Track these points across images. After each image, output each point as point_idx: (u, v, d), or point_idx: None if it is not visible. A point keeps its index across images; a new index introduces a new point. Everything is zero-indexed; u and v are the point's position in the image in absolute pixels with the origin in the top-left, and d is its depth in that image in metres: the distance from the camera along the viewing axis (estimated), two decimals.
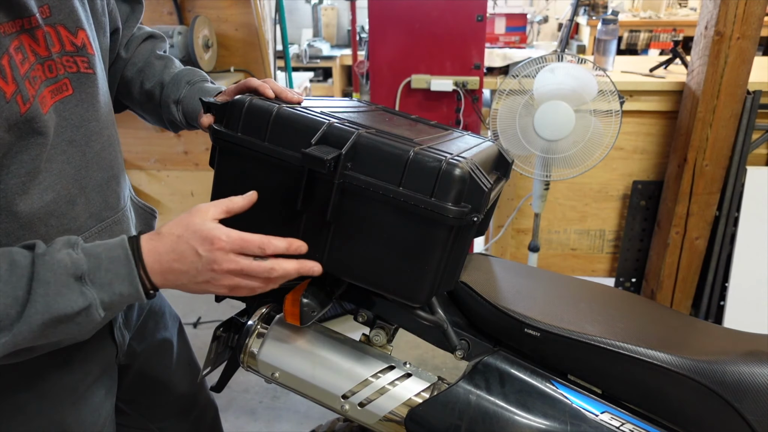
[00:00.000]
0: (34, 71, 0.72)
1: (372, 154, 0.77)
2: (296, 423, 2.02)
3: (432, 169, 0.75)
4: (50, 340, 0.69)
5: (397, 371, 0.91)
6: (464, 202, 0.76)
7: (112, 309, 0.71)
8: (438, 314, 0.91)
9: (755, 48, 1.95)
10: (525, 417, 0.85)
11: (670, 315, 1.07)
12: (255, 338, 0.95)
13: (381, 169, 0.76)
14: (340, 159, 0.76)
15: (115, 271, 0.69)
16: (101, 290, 0.68)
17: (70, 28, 0.78)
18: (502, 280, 1.03)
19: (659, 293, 2.32)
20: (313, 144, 0.78)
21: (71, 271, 0.67)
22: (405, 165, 0.75)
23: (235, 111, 0.82)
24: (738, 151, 2.09)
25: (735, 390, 0.80)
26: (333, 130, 0.79)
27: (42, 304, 0.65)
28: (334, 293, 0.91)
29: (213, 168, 0.87)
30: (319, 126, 0.79)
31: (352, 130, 0.78)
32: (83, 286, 0.67)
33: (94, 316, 0.68)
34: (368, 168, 0.77)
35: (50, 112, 0.74)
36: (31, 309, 0.65)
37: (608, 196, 2.42)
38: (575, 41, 4.31)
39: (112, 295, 0.69)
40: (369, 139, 0.78)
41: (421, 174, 0.75)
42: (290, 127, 0.80)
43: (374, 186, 0.76)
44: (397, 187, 0.76)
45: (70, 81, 0.78)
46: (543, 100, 1.82)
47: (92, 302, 0.68)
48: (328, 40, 5.24)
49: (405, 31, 2.18)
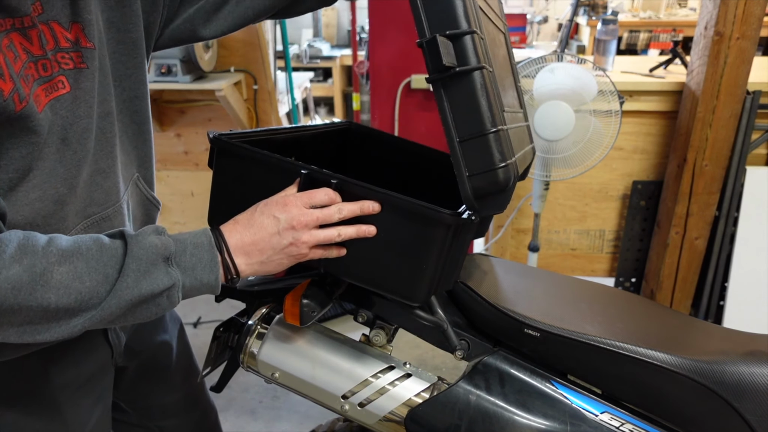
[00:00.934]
0: (27, 69, 0.70)
1: (469, 97, 0.75)
2: (296, 423, 2.02)
3: (492, 159, 0.74)
4: (127, 321, 0.71)
5: (397, 371, 0.91)
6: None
7: (191, 294, 0.73)
8: (438, 314, 0.91)
9: (755, 48, 1.95)
10: (525, 417, 0.85)
11: (670, 315, 1.07)
12: (255, 338, 0.95)
13: (462, 113, 0.75)
14: (448, 71, 0.74)
15: (199, 256, 0.73)
16: (184, 273, 0.72)
17: (63, 23, 0.75)
18: (501, 281, 1.03)
19: (659, 293, 2.32)
20: (446, 35, 0.75)
21: (161, 251, 0.70)
22: (480, 133, 0.74)
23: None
24: (738, 151, 2.10)
25: (734, 390, 0.80)
26: (467, 43, 0.75)
27: (132, 280, 0.68)
28: (334, 293, 0.92)
29: (212, 169, 0.87)
30: (461, 25, 0.75)
31: (475, 59, 0.75)
32: (169, 267, 0.71)
33: (174, 298, 0.71)
34: (455, 101, 0.75)
35: (45, 111, 0.72)
36: (122, 284, 0.68)
37: (608, 196, 2.42)
38: (575, 41, 4.31)
39: (193, 281, 0.72)
40: (480, 82, 0.75)
41: (483, 153, 0.75)
42: (441, 4, 0.76)
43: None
44: (457, 140, 0.75)
45: (66, 78, 0.76)
46: (543, 100, 1.82)
47: (176, 282, 0.71)
48: (328, 40, 5.24)
49: (405, 31, 2.18)
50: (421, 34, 0.75)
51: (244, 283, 1.04)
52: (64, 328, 0.68)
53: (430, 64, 0.73)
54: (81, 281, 0.67)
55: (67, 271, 0.66)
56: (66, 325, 0.68)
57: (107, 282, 0.68)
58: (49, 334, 0.68)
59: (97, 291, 0.67)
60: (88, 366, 0.92)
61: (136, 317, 0.71)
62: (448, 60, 0.72)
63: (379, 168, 1.18)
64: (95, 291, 0.67)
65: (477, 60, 0.74)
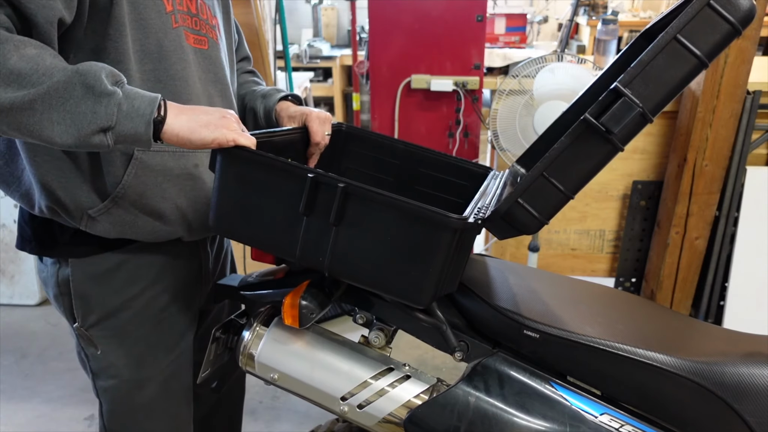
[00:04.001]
0: (182, 15, 0.94)
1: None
2: (296, 423, 2.02)
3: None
4: (64, 118, 0.75)
5: (396, 373, 0.91)
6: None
7: (125, 123, 0.77)
8: (437, 316, 0.91)
9: (755, 48, 1.95)
10: (524, 419, 0.85)
11: (670, 316, 1.07)
12: (254, 340, 0.95)
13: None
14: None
15: (141, 94, 0.79)
16: (126, 98, 0.77)
17: (211, 8, 1.03)
18: (501, 282, 1.03)
19: (659, 293, 2.32)
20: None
21: (109, 72, 0.77)
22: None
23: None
24: (738, 151, 2.09)
25: (734, 391, 0.80)
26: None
27: (80, 73, 0.75)
28: (333, 295, 0.92)
29: (213, 171, 0.87)
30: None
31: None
32: (117, 87, 0.77)
33: (111, 109, 0.76)
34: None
35: (191, 47, 0.96)
36: (68, 71, 0.75)
37: (608, 196, 2.42)
38: (575, 41, 4.30)
39: (130, 107, 0.77)
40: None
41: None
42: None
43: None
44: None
45: (208, 40, 1.01)
46: (543, 100, 1.82)
47: (116, 94, 0.76)
48: (328, 40, 5.24)
49: (405, 31, 2.18)
50: (619, 78, 0.74)
51: (243, 282, 1.04)
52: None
53: (598, 106, 0.74)
54: (41, 59, 0.74)
55: (35, 53, 0.74)
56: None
57: (61, 69, 0.74)
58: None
59: (50, 71, 0.73)
60: (187, 286, 1.07)
61: (76, 112, 0.75)
62: (612, 122, 0.73)
63: (372, 169, 1.18)
64: (49, 70, 0.73)
65: (624, 143, 0.75)
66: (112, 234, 0.95)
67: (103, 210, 0.93)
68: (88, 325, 1.00)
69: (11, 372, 2.27)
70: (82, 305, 0.99)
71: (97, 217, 0.93)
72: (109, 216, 0.93)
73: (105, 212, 0.93)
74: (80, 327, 1.00)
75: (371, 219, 0.78)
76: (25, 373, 2.26)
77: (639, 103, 0.71)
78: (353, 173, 1.20)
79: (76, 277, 0.97)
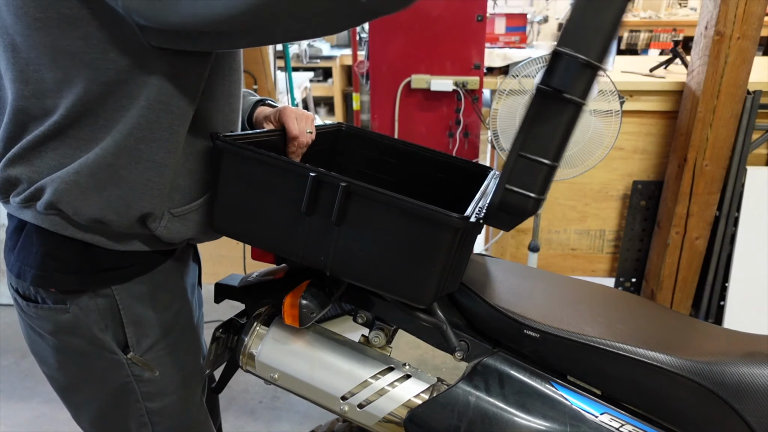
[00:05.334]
0: None
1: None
2: (296, 423, 2.02)
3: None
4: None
5: (396, 372, 0.91)
6: None
7: None
8: (437, 315, 0.91)
9: (755, 48, 1.95)
10: (524, 418, 0.85)
11: (670, 316, 1.07)
12: (254, 340, 0.95)
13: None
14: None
15: None
16: None
17: None
18: (501, 281, 1.03)
19: (659, 293, 2.32)
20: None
21: None
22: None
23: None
24: (738, 151, 2.09)
25: (735, 391, 0.80)
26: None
27: None
28: (334, 294, 0.92)
29: (214, 174, 0.87)
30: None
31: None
32: None
33: None
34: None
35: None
36: None
37: (608, 196, 2.42)
38: None
39: None
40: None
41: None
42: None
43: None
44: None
45: None
46: None
47: None
48: (328, 40, 5.23)
49: (405, 31, 2.18)
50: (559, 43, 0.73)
51: (243, 282, 1.04)
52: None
53: (546, 73, 0.72)
54: None
55: None
56: None
57: None
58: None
59: None
60: (196, 281, 1.06)
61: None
62: (561, 83, 0.72)
63: (373, 169, 1.18)
64: None
65: (584, 97, 0.73)
66: (185, 236, 0.88)
67: (193, 209, 0.87)
68: (144, 350, 0.92)
69: (11, 372, 2.27)
70: (136, 331, 0.91)
71: (180, 216, 0.86)
72: (193, 214, 0.88)
73: (191, 212, 0.87)
74: (135, 354, 0.92)
75: (373, 218, 0.78)
76: (25, 373, 2.26)
77: (580, 56, 0.70)
78: (353, 173, 1.20)
79: (125, 303, 0.89)
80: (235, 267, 2.57)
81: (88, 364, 0.92)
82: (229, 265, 2.66)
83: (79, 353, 0.90)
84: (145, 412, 0.96)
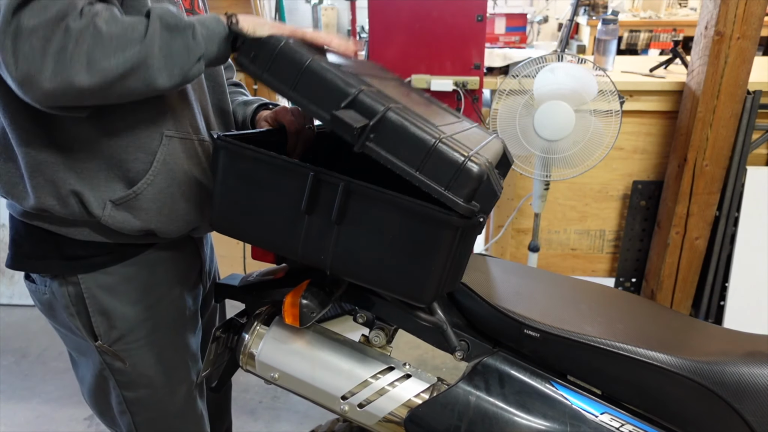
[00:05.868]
0: (186, 10, 0.93)
1: (397, 133, 0.76)
2: (296, 423, 2.02)
3: (453, 162, 0.74)
4: (167, 61, 0.76)
5: (396, 372, 0.91)
6: (475, 201, 0.76)
7: (209, 43, 0.80)
8: (437, 315, 0.91)
9: (755, 48, 1.95)
10: (524, 418, 0.85)
11: (670, 315, 1.07)
12: (254, 339, 0.95)
13: (403, 148, 0.76)
14: (366, 129, 0.75)
15: (204, 17, 0.82)
16: (197, 21, 0.80)
17: (204, 8, 1.02)
18: (501, 281, 1.03)
19: (659, 293, 2.32)
20: (341, 107, 0.77)
21: (176, 10, 0.79)
22: (428, 152, 0.75)
23: (263, 49, 0.83)
24: (738, 151, 2.09)
25: (735, 391, 0.80)
26: (364, 98, 0.77)
27: (161, 20, 0.75)
28: (334, 294, 0.92)
29: (212, 171, 0.87)
30: (349, 92, 0.77)
31: (380, 105, 0.77)
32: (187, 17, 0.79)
33: (198, 38, 0.79)
34: (390, 145, 0.76)
35: None
36: (153, 24, 0.75)
37: (608, 196, 2.42)
38: (575, 41, 4.31)
39: (207, 31, 0.80)
40: (397, 117, 0.76)
41: (442, 164, 0.74)
42: (320, 87, 0.79)
43: (392, 164, 0.76)
44: (415, 171, 0.75)
45: None
46: (543, 100, 1.81)
47: (194, 24, 0.79)
48: None
49: (405, 31, 2.18)
50: (322, 120, 0.78)
51: (243, 282, 1.04)
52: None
53: (348, 137, 0.75)
54: (120, 19, 0.74)
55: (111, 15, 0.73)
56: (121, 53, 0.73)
57: (141, 23, 0.75)
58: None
59: (133, 26, 0.74)
60: (189, 275, 1.06)
61: (173, 53, 0.76)
62: (359, 122, 0.74)
63: (369, 169, 1.18)
64: (131, 26, 0.74)
65: (381, 104, 0.76)
66: (135, 226, 0.90)
67: (131, 196, 0.88)
68: (112, 340, 0.95)
69: (11, 372, 2.27)
70: (103, 321, 0.94)
71: (123, 204, 0.88)
72: (137, 202, 0.89)
73: (132, 199, 0.88)
74: (104, 344, 0.95)
75: (373, 217, 0.78)
76: (25, 373, 2.26)
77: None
78: (350, 173, 1.19)
79: (91, 293, 0.93)
80: (235, 266, 2.57)
81: (72, 343, 1.02)
82: (229, 264, 2.66)
83: (62, 332, 1.00)
84: (123, 399, 1.01)
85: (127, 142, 0.87)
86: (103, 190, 0.88)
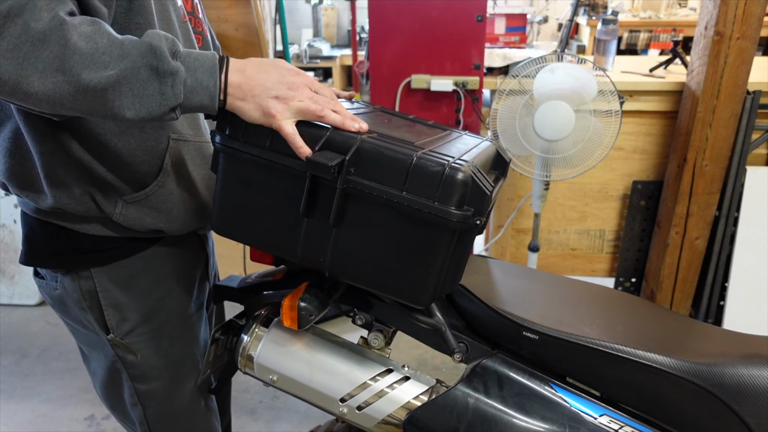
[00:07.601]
0: (186, 12, 0.94)
1: (375, 159, 0.77)
2: (296, 423, 2.02)
3: (435, 173, 0.75)
4: (134, 100, 0.73)
5: (395, 374, 0.91)
6: (467, 205, 0.76)
7: (191, 97, 0.76)
8: (436, 317, 0.91)
9: (755, 48, 1.95)
10: (523, 420, 0.85)
11: (669, 317, 1.07)
12: (253, 342, 0.95)
13: (384, 174, 0.77)
14: (344, 165, 0.76)
15: (201, 62, 0.77)
16: (188, 70, 0.76)
17: (201, 10, 1.02)
18: (500, 283, 1.03)
19: (659, 293, 2.32)
20: (316, 150, 0.78)
21: (170, 45, 0.75)
22: (408, 170, 0.76)
23: (236, 118, 0.82)
24: (738, 151, 2.09)
25: (734, 392, 0.80)
26: (336, 136, 0.79)
27: (140, 51, 0.72)
28: (332, 296, 0.91)
29: (215, 173, 0.87)
30: (322, 132, 0.79)
31: (354, 136, 0.79)
32: (177, 59, 0.75)
33: (177, 88, 0.75)
34: (371, 173, 0.77)
35: (194, 42, 0.95)
36: (130, 44, 0.72)
37: (608, 196, 2.42)
38: (575, 41, 4.31)
39: (194, 80, 0.76)
40: (372, 144, 0.78)
41: (425, 178, 0.75)
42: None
43: (377, 191, 0.76)
44: (401, 192, 0.76)
45: (203, 39, 1.01)
46: (543, 100, 1.81)
47: (179, 71, 0.75)
48: (328, 40, 5.23)
49: (405, 31, 2.18)
50: (300, 168, 0.79)
51: (242, 284, 1.04)
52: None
53: (327, 176, 0.77)
54: (99, 37, 0.71)
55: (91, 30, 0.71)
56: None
57: (122, 46, 0.72)
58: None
59: (110, 50, 0.71)
60: (200, 274, 1.07)
61: (144, 95, 0.73)
62: (334, 160, 0.76)
63: None
64: (108, 49, 0.71)
65: (353, 138, 0.78)
66: (146, 224, 0.91)
67: (142, 197, 0.90)
68: (123, 333, 0.97)
69: (11, 372, 2.27)
70: (115, 314, 0.96)
71: (134, 203, 0.90)
72: (148, 202, 0.90)
73: (144, 199, 0.90)
74: (116, 337, 0.97)
75: (371, 219, 0.78)
76: (25, 373, 2.26)
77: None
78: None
79: (104, 286, 0.94)
80: (234, 268, 2.57)
81: (83, 338, 1.02)
82: (228, 265, 2.66)
83: (74, 327, 1.01)
84: (135, 392, 1.02)
85: (135, 145, 0.88)
86: (114, 191, 0.89)
